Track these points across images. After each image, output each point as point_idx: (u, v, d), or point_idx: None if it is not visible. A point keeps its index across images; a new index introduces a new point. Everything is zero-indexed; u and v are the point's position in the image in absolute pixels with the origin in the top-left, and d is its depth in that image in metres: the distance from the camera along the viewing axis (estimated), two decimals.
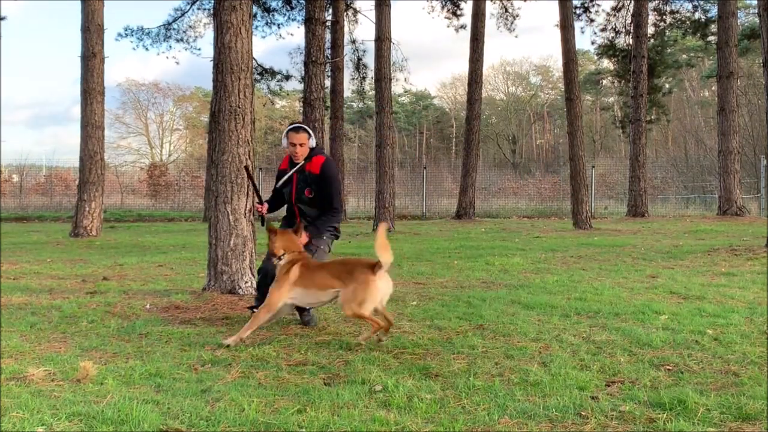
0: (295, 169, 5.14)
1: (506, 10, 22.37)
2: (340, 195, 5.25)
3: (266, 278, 4.97)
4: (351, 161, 43.89)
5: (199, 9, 21.06)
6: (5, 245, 11.50)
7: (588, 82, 39.30)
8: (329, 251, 5.22)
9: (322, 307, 4.95)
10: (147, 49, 33.01)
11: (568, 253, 9.76)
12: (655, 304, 5.54)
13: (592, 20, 22.97)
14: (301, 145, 5.07)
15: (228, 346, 4.30)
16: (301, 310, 4.94)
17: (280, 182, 5.22)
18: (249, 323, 4.47)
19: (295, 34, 48.27)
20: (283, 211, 5.44)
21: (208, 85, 8.89)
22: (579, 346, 4.30)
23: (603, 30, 23.42)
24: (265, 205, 5.23)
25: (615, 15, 23.12)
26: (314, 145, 5.19)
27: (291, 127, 5.15)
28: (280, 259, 4.62)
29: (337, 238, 5.29)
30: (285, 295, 4.49)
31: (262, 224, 5.16)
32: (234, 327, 4.96)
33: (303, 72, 10.72)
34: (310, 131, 5.17)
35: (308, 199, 5.12)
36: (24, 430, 2.89)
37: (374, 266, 4.34)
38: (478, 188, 20.99)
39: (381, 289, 4.37)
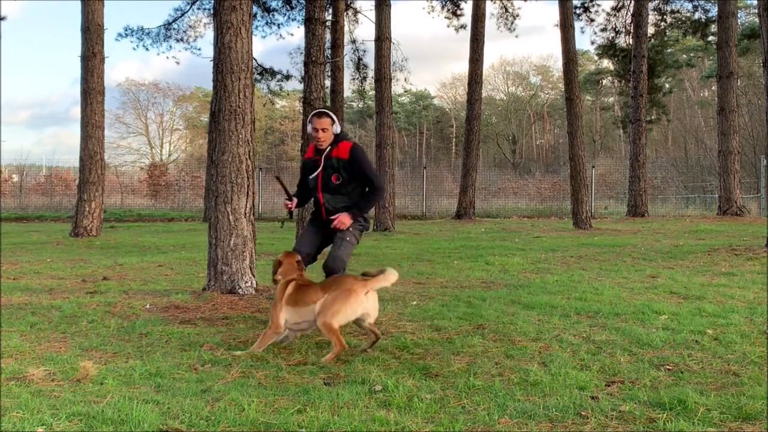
0: (322, 156, 4.97)
1: (506, 10, 22.36)
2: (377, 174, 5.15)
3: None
4: None
5: (199, 9, 21.06)
6: (5, 245, 11.50)
7: (588, 82, 39.30)
8: (357, 243, 5.07)
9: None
10: (147, 49, 33.06)
11: (568, 253, 9.76)
12: (655, 304, 5.54)
13: (592, 20, 22.97)
14: (323, 130, 4.91)
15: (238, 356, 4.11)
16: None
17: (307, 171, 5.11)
18: (259, 341, 4.23)
19: (295, 34, 48.27)
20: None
21: (208, 85, 8.89)
22: (579, 346, 4.30)
23: (603, 30, 23.42)
24: (294, 201, 5.20)
25: (615, 15, 23.12)
26: (339, 131, 5.03)
27: (314, 112, 5.05)
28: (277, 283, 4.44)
29: (365, 229, 5.15)
30: (281, 313, 4.25)
31: (291, 218, 5.22)
32: (234, 327, 4.96)
33: (303, 72, 10.69)
34: (334, 117, 5.01)
35: (335, 186, 4.96)
36: (24, 430, 2.89)
37: (366, 281, 4.12)
38: (478, 188, 20.99)
39: (363, 303, 4.07)
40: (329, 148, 4.99)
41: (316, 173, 5.03)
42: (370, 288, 4.14)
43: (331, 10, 17.65)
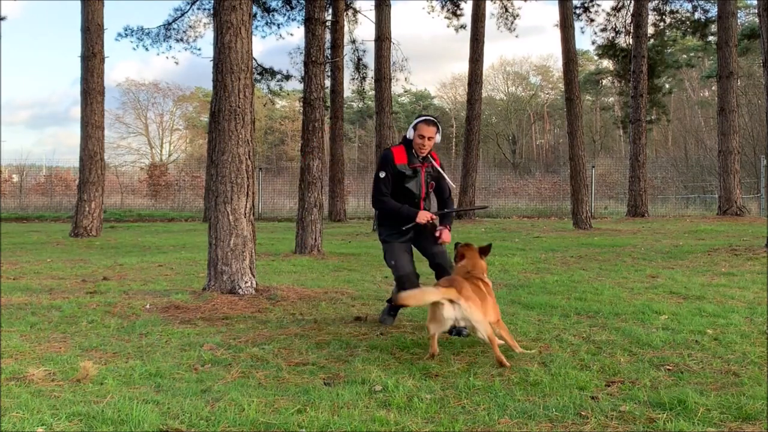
0: (423, 163, 4.86)
1: (506, 10, 22.37)
2: None
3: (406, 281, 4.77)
4: (351, 161, 43.89)
5: (199, 9, 21.05)
6: (5, 245, 11.50)
7: (588, 82, 39.27)
8: None
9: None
10: (147, 49, 33.15)
11: (568, 253, 9.76)
12: (655, 304, 5.54)
13: (592, 20, 22.97)
14: (430, 138, 4.80)
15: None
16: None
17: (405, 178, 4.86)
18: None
19: (295, 34, 48.33)
20: None
21: (208, 85, 8.89)
22: (579, 346, 4.30)
23: (603, 30, 23.41)
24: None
25: (615, 15, 23.11)
26: (439, 140, 4.93)
27: (423, 119, 4.83)
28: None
29: None
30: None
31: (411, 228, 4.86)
32: (234, 327, 4.96)
33: (303, 72, 10.68)
34: (440, 126, 4.90)
35: (427, 193, 4.93)
36: (24, 430, 2.89)
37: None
38: (478, 188, 20.97)
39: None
40: (428, 155, 4.89)
41: (417, 182, 4.84)
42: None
43: (331, 10, 17.67)
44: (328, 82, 18.63)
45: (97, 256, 9.91)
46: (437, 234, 4.89)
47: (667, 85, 33.74)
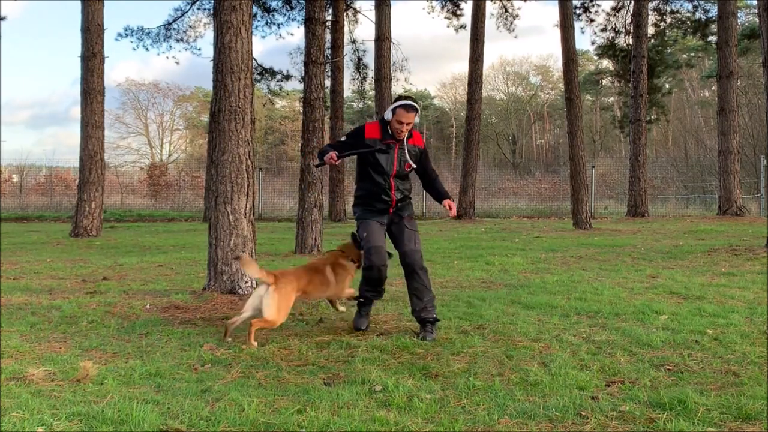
0: (399, 142, 4.79)
1: (506, 10, 22.38)
2: None
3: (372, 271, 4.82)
4: (351, 161, 43.85)
5: (199, 9, 21.07)
6: (5, 245, 11.50)
7: (588, 82, 39.26)
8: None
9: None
10: (147, 49, 33.22)
11: (568, 253, 9.76)
12: (655, 304, 5.54)
13: (592, 20, 22.99)
14: (408, 124, 4.72)
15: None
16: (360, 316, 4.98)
17: (375, 150, 4.75)
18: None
19: (295, 34, 48.44)
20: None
21: (208, 85, 8.89)
22: (579, 346, 4.30)
23: (603, 30, 23.43)
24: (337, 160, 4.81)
25: (615, 15, 23.12)
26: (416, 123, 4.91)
27: (403, 104, 4.67)
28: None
29: None
30: None
31: (322, 164, 4.79)
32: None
33: (303, 72, 10.70)
34: (419, 110, 4.82)
35: (404, 174, 4.87)
36: (24, 430, 2.89)
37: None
38: (478, 188, 20.98)
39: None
40: (407, 137, 4.85)
41: (390, 160, 4.79)
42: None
43: (331, 10, 17.66)
44: (328, 82, 18.62)
45: (97, 256, 9.91)
46: (447, 208, 4.92)
47: (667, 85, 33.76)
